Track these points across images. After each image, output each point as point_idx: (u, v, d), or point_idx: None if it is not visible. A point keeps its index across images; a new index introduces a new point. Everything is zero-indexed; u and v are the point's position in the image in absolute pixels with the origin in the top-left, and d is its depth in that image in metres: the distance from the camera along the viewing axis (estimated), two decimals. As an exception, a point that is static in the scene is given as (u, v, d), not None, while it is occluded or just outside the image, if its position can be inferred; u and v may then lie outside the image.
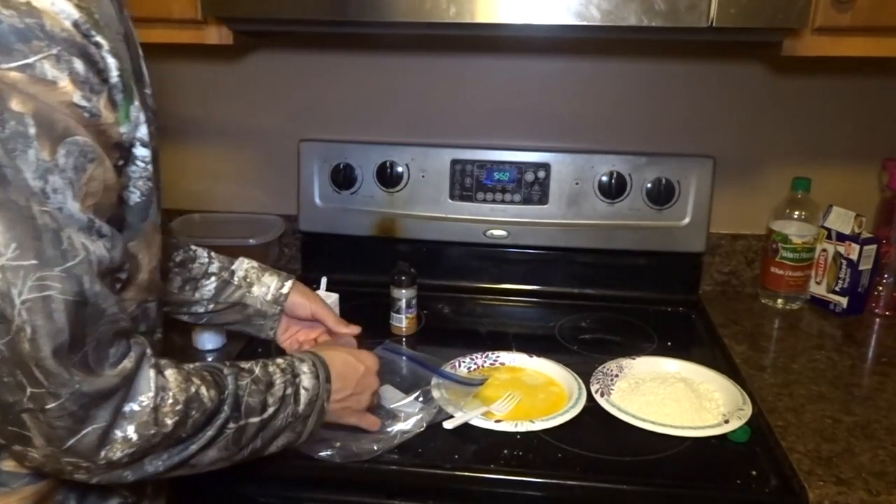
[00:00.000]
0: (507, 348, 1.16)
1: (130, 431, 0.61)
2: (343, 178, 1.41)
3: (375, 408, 0.95)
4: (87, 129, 0.59)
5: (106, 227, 0.60)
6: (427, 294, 1.33)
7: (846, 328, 1.29)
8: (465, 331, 1.30)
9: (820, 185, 1.35)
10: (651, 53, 1.38)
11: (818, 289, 1.36)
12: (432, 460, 0.89)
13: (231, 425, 0.70)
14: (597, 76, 1.40)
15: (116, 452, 0.61)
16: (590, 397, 1.02)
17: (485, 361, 1.13)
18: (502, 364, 1.13)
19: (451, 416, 0.95)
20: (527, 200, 1.39)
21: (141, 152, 0.68)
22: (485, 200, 1.40)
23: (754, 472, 0.88)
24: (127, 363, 0.61)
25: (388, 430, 0.92)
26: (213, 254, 1.02)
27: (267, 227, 1.46)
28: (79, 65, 0.58)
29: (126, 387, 0.61)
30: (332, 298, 1.15)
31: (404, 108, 1.46)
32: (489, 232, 1.41)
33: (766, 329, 1.30)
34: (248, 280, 1.01)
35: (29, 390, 0.56)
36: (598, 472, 0.88)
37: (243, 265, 1.02)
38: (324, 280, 1.18)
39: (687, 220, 1.37)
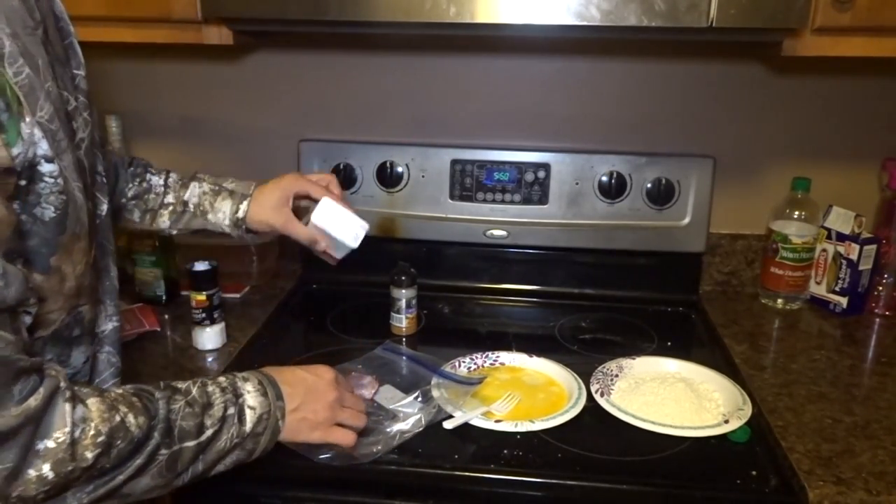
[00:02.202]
0: (507, 348, 1.16)
1: (46, 469, 0.58)
2: (343, 178, 1.41)
3: (369, 415, 0.92)
4: None
5: None
6: (427, 294, 1.33)
7: (846, 328, 1.29)
8: (465, 331, 1.30)
9: (820, 185, 1.35)
10: (651, 53, 1.38)
11: (818, 289, 1.36)
12: (432, 460, 0.89)
13: (163, 451, 0.67)
14: (597, 76, 1.40)
15: (31, 490, 0.58)
16: (590, 397, 1.02)
17: (485, 361, 1.13)
18: (502, 364, 1.13)
19: (451, 416, 0.95)
20: (527, 200, 1.39)
21: (47, 168, 0.61)
22: (485, 200, 1.40)
23: (754, 472, 0.88)
24: (32, 401, 0.57)
25: (388, 430, 0.92)
26: (169, 181, 1.00)
27: (267, 227, 1.46)
28: None
29: (32, 425, 0.57)
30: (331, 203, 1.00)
31: (404, 108, 1.46)
32: (489, 232, 1.41)
33: (766, 329, 1.30)
34: (202, 208, 1.00)
35: None
36: (598, 472, 0.88)
37: (195, 192, 1.01)
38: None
39: (687, 220, 1.37)
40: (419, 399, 0.98)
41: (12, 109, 0.58)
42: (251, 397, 0.76)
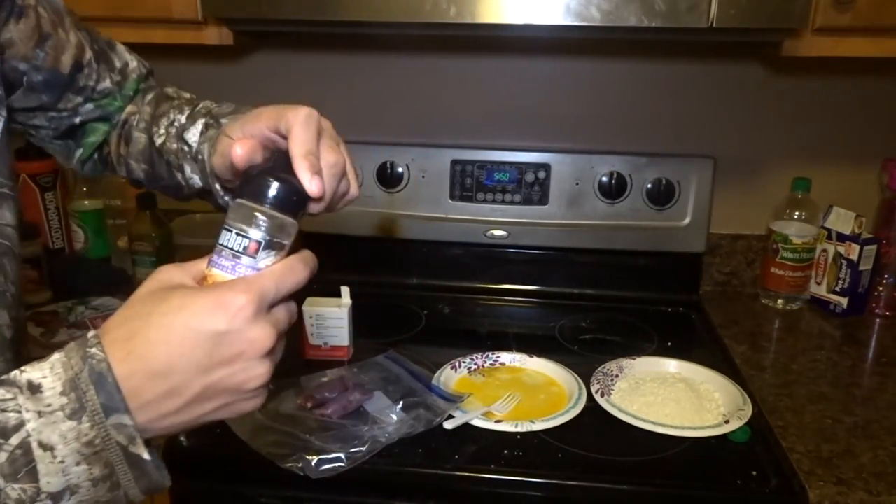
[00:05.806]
0: (508, 348, 1.16)
1: None
2: (343, 178, 1.41)
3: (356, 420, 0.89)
4: None
5: None
6: (427, 294, 1.33)
7: (846, 328, 1.29)
8: (465, 331, 1.30)
9: (820, 185, 1.35)
10: (651, 53, 1.38)
11: (818, 289, 1.36)
12: (432, 460, 0.89)
13: None
14: (597, 76, 1.40)
15: None
16: (590, 397, 1.02)
17: (485, 361, 1.13)
18: (502, 364, 1.13)
19: (452, 417, 0.95)
20: (527, 201, 1.39)
21: None
22: (485, 201, 1.40)
23: (754, 473, 0.88)
24: None
25: (366, 435, 0.91)
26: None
27: (267, 227, 1.46)
28: None
29: None
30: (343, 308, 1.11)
31: (404, 108, 1.46)
32: (489, 232, 1.41)
33: (767, 329, 1.30)
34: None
35: None
36: (598, 472, 0.88)
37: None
38: (345, 289, 1.14)
39: (687, 220, 1.37)
40: (400, 409, 0.97)
41: None
42: (55, 423, 0.41)
